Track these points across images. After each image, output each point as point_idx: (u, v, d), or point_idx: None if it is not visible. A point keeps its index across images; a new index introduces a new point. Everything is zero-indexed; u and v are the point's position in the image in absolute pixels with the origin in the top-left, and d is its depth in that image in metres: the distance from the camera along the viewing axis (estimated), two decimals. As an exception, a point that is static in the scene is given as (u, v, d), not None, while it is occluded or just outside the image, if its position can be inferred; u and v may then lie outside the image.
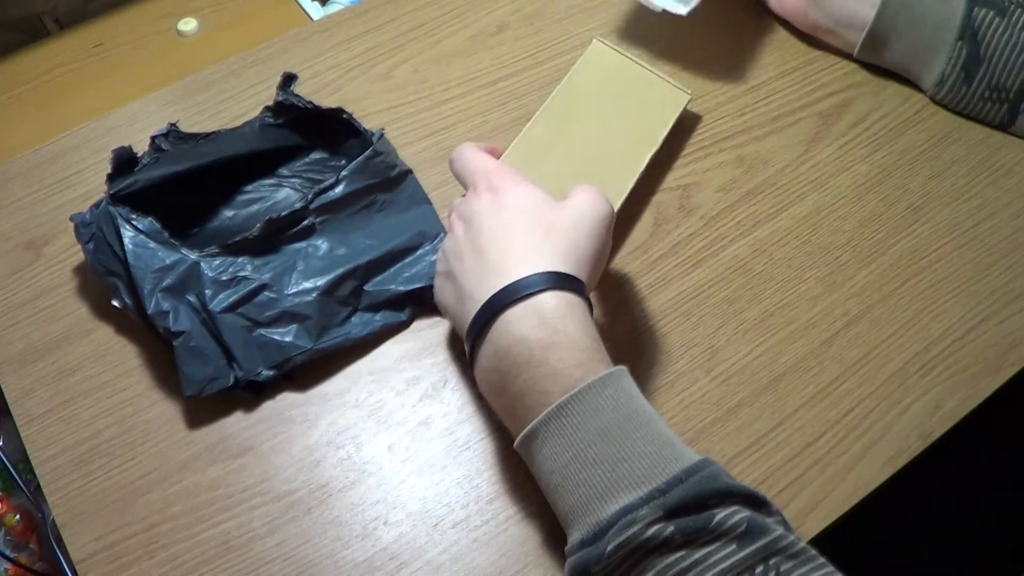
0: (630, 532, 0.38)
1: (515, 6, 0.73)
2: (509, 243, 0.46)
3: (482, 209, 0.48)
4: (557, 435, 0.42)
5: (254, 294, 0.54)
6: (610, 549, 0.38)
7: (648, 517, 0.38)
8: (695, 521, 0.38)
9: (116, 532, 0.49)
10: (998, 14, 0.59)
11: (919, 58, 0.62)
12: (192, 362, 0.51)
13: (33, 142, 0.66)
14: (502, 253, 0.46)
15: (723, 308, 0.56)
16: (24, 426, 0.53)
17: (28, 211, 0.62)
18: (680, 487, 0.39)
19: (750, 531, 0.38)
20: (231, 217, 0.60)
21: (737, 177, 0.62)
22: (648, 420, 0.42)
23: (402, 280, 0.56)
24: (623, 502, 0.39)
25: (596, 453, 0.41)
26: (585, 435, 0.41)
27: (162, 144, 0.60)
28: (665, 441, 0.42)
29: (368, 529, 0.49)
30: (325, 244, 0.56)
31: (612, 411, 0.42)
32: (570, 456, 0.41)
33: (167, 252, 0.53)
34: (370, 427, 0.52)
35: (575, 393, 0.41)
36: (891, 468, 0.50)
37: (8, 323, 0.57)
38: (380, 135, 0.60)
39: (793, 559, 0.38)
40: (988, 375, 0.54)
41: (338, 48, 0.71)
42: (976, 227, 0.60)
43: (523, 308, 0.43)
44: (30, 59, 0.78)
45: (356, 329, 0.54)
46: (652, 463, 0.40)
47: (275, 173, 0.62)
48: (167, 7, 0.82)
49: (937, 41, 0.60)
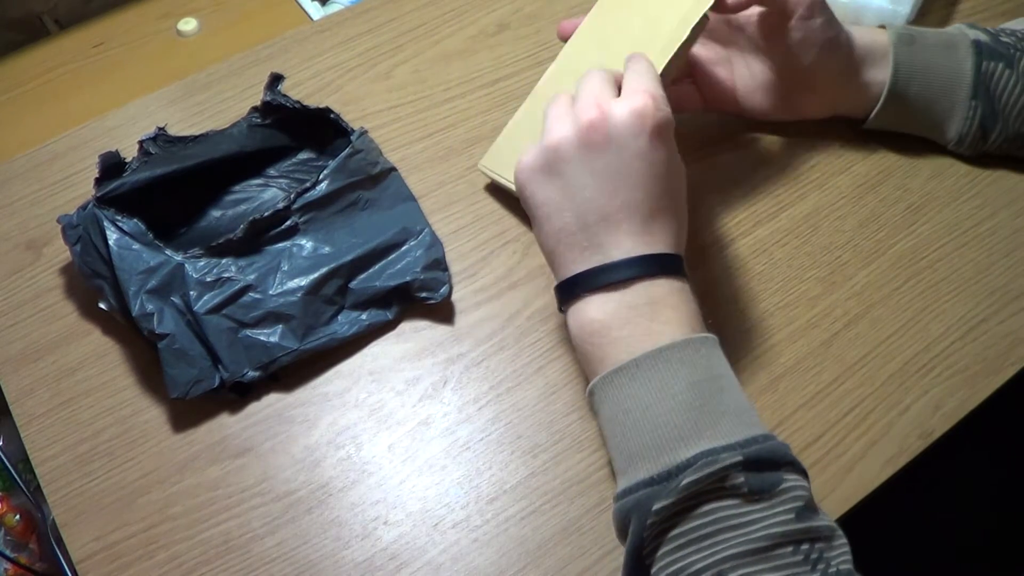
0: (709, 470, 0.39)
1: (515, 6, 0.73)
2: (642, 203, 0.45)
3: (631, 145, 0.45)
4: (647, 376, 0.43)
5: (239, 295, 0.53)
6: (684, 483, 0.39)
7: (728, 460, 0.39)
8: (766, 479, 0.40)
9: (116, 532, 0.49)
10: (1007, 66, 0.57)
11: (935, 122, 0.60)
12: (177, 364, 0.51)
13: (33, 142, 0.66)
14: (634, 213, 0.45)
15: (723, 308, 0.56)
16: (24, 426, 0.53)
17: (28, 211, 0.62)
18: (759, 445, 0.41)
19: (808, 508, 0.40)
20: (219, 217, 0.60)
21: (737, 177, 0.62)
22: (733, 385, 0.44)
23: (387, 276, 0.56)
24: (705, 447, 0.40)
25: (684, 400, 0.42)
26: (676, 382, 0.42)
27: (150, 148, 0.60)
28: (747, 407, 0.43)
29: (368, 529, 0.49)
30: (309, 243, 0.56)
31: (705, 368, 0.43)
32: (655, 397, 0.42)
33: (152, 254, 0.53)
34: (370, 427, 0.52)
35: (676, 343, 0.43)
36: (891, 468, 0.50)
37: (8, 323, 0.57)
38: (361, 133, 0.60)
39: (835, 550, 0.39)
40: (988, 375, 0.54)
41: (338, 48, 0.71)
42: (976, 227, 0.60)
43: (662, 280, 0.45)
44: (30, 59, 0.78)
45: (342, 328, 0.54)
46: (735, 421, 0.42)
47: (263, 173, 0.62)
48: (167, 7, 0.82)
49: (951, 103, 0.59)
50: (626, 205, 0.45)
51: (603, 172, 0.45)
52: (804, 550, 0.38)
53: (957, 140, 0.60)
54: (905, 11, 0.67)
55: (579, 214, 0.45)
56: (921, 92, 0.58)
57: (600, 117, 0.45)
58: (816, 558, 0.38)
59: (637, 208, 0.45)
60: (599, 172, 0.45)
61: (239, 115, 0.65)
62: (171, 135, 0.61)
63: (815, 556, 0.38)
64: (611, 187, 0.45)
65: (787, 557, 0.38)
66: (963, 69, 0.58)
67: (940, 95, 0.58)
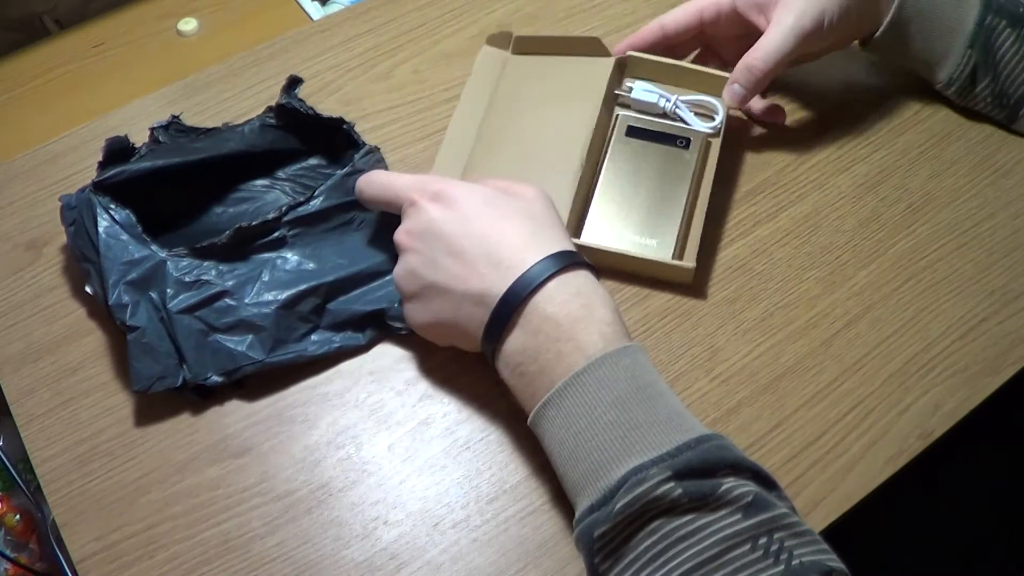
0: (639, 490, 0.38)
1: (515, 6, 0.73)
2: (502, 235, 0.46)
3: (438, 216, 0.48)
4: (572, 403, 0.42)
5: (214, 299, 0.53)
6: (618, 508, 0.38)
7: (657, 476, 0.38)
8: (703, 486, 0.38)
9: (116, 532, 0.49)
10: (1011, 24, 0.58)
11: (928, 61, 0.62)
12: (143, 358, 0.51)
13: (33, 142, 0.66)
14: (499, 246, 0.46)
15: (723, 308, 0.56)
16: (24, 426, 0.53)
17: (28, 211, 0.62)
18: (690, 452, 0.40)
19: (756, 504, 0.38)
20: (219, 214, 0.60)
21: (737, 177, 0.62)
22: (661, 392, 0.43)
23: (365, 301, 0.55)
24: (633, 464, 0.40)
25: (609, 419, 0.41)
26: (600, 403, 0.42)
27: (160, 136, 0.60)
28: (677, 412, 0.43)
29: (368, 529, 0.49)
30: (295, 257, 0.55)
31: (628, 381, 0.42)
32: (584, 424, 0.42)
33: (137, 246, 0.53)
34: (370, 427, 0.52)
35: (593, 362, 0.42)
36: (891, 468, 0.50)
37: (8, 323, 0.57)
38: (367, 152, 0.58)
39: (797, 537, 0.38)
40: (988, 375, 0.54)
41: (338, 48, 0.71)
42: (976, 227, 0.60)
43: (552, 289, 0.44)
44: (30, 59, 0.78)
45: (313, 347, 0.54)
46: (664, 430, 0.41)
47: (271, 175, 0.62)
48: (167, 7, 0.82)
49: (948, 46, 0.60)
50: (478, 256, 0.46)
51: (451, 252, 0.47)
52: (763, 544, 0.37)
53: (946, 82, 0.62)
54: None
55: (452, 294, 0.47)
56: (919, 30, 0.60)
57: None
58: (777, 549, 0.37)
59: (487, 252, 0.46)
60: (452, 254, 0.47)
61: (239, 115, 0.65)
62: (184, 124, 0.61)
63: (775, 548, 0.37)
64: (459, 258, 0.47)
65: (746, 556, 0.37)
66: (966, 18, 0.59)
67: (938, 37, 0.60)
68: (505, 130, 0.62)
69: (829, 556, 0.38)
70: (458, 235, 0.47)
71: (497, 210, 0.47)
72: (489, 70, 0.66)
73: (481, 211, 0.47)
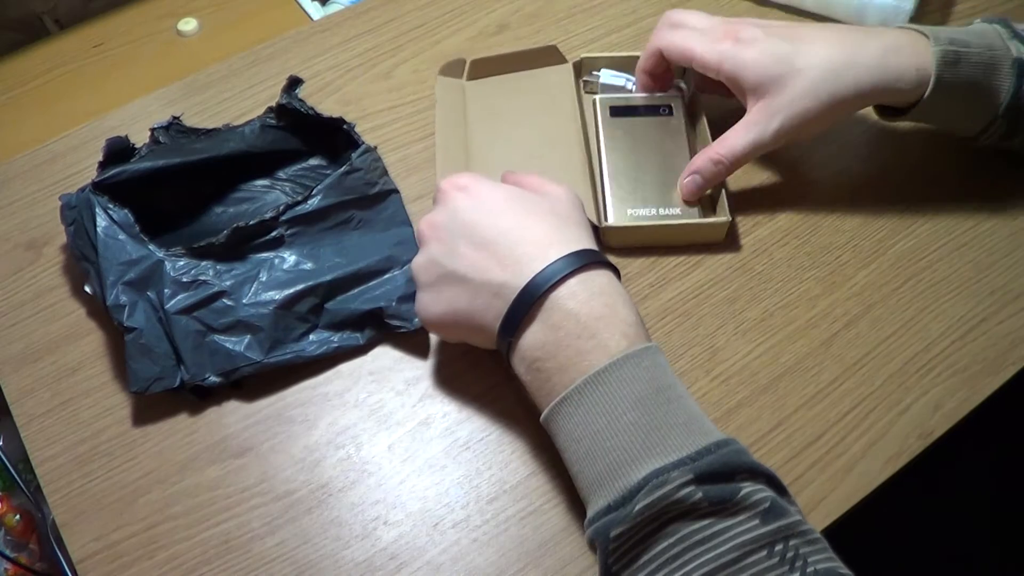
0: (660, 492, 0.38)
1: (515, 6, 0.73)
2: (525, 230, 0.46)
3: (463, 206, 0.48)
4: (592, 401, 0.42)
5: (212, 299, 0.53)
6: (638, 509, 0.38)
7: (679, 479, 0.38)
8: (723, 491, 0.38)
9: (116, 532, 0.49)
10: None
11: (959, 126, 0.59)
12: (141, 359, 0.51)
13: (33, 142, 0.66)
14: (522, 240, 0.46)
15: (723, 308, 0.56)
16: (24, 426, 0.53)
17: (28, 211, 0.62)
18: (711, 456, 0.40)
19: (773, 510, 0.38)
20: (220, 214, 0.60)
21: (737, 177, 0.62)
22: (680, 395, 0.43)
23: (363, 300, 0.55)
24: (654, 466, 0.40)
25: (630, 420, 0.41)
26: (621, 402, 0.42)
27: (160, 137, 0.60)
28: (697, 415, 0.43)
29: (368, 529, 0.49)
30: (292, 257, 0.55)
31: (649, 382, 0.42)
32: (603, 423, 0.42)
33: (135, 246, 0.53)
34: (370, 427, 0.52)
35: (615, 361, 0.42)
36: (891, 468, 0.50)
37: (8, 323, 0.57)
38: (364, 151, 0.58)
39: (810, 545, 0.38)
40: (988, 375, 0.54)
41: (338, 48, 0.71)
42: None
43: (574, 284, 0.44)
44: (30, 59, 0.78)
45: (311, 347, 0.54)
46: (684, 433, 0.41)
47: (271, 175, 0.62)
48: (167, 7, 0.82)
49: (980, 117, 0.57)
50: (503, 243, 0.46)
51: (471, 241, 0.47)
52: (779, 551, 0.37)
53: (974, 138, 0.59)
54: (908, 7, 0.67)
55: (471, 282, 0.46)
56: (953, 105, 0.56)
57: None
58: (793, 556, 0.37)
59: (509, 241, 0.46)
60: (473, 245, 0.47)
61: (239, 115, 0.65)
62: (184, 125, 0.61)
63: (791, 555, 0.37)
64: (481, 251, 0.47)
65: (763, 562, 0.37)
66: (1001, 89, 0.55)
67: (971, 110, 0.57)
68: (493, 145, 0.63)
69: (839, 564, 0.39)
70: (481, 226, 0.47)
71: (522, 206, 0.47)
72: (452, 98, 0.65)
73: (506, 205, 0.47)
